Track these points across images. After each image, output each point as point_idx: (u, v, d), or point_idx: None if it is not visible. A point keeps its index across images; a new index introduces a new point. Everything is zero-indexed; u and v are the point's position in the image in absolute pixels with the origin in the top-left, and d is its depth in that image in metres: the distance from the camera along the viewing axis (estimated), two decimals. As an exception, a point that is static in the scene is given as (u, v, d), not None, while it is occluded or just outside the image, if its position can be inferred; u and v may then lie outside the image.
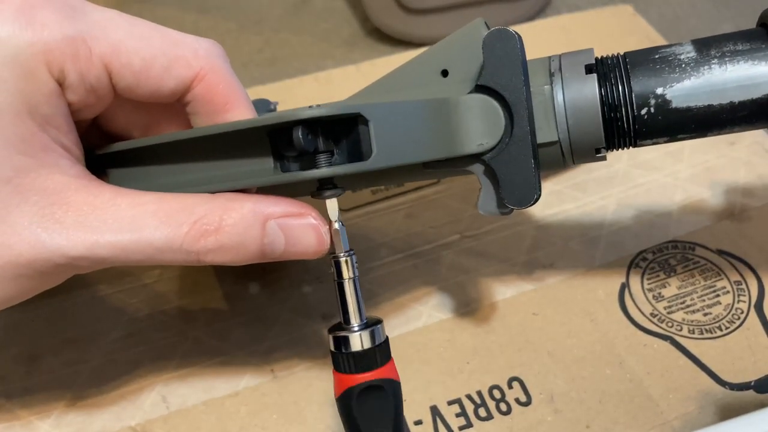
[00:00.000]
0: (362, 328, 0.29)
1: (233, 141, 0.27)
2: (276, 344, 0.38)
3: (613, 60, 0.31)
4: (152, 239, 0.27)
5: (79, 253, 0.27)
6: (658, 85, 0.30)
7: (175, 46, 0.28)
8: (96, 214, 0.27)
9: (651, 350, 0.37)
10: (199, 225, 0.27)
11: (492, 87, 0.30)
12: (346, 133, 0.27)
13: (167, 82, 0.28)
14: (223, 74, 0.29)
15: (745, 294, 0.39)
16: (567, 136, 0.31)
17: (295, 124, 0.25)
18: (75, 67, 0.27)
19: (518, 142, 0.30)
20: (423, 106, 0.29)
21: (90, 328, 0.39)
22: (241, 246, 0.27)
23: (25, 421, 0.35)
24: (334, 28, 0.69)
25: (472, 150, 0.30)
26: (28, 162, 0.27)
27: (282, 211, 0.28)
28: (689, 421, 0.34)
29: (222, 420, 0.35)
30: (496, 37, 0.29)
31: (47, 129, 0.27)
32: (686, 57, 0.30)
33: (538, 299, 0.39)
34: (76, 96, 0.28)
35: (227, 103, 0.29)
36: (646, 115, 0.30)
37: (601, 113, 0.30)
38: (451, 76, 0.31)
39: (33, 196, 0.27)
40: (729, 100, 0.30)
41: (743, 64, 0.30)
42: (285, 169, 0.27)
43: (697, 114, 0.30)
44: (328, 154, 0.26)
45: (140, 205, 0.27)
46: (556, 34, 0.56)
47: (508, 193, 0.30)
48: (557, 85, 0.31)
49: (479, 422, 0.35)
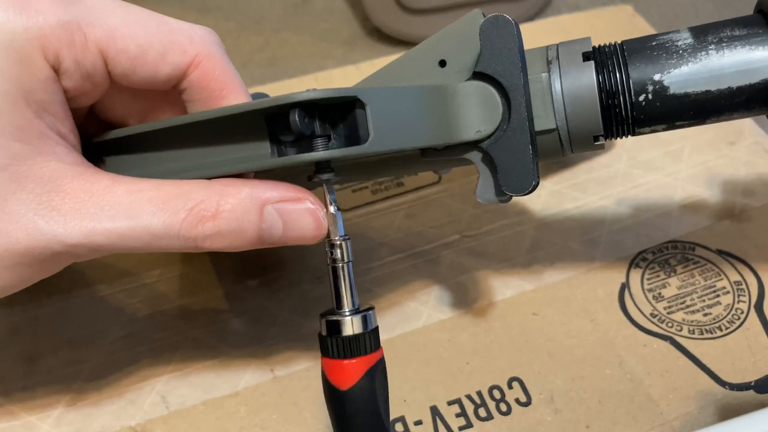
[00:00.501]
0: (354, 313, 0.29)
1: (230, 126, 0.27)
2: (276, 344, 0.38)
3: (611, 47, 0.31)
4: (149, 225, 0.27)
5: (77, 241, 0.27)
6: (655, 71, 0.30)
7: (171, 32, 0.28)
8: (93, 201, 0.27)
9: (651, 350, 0.37)
10: (197, 211, 0.27)
11: (489, 74, 0.30)
12: (343, 117, 0.26)
13: (163, 68, 0.28)
14: (219, 61, 0.29)
15: (745, 294, 0.39)
16: (565, 123, 0.31)
17: (292, 106, 0.25)
18: (70, 53, 0.27)
19: (516, 128, 0.30)
20: (421, 92, 0.29)
21: (90, 328, 0.39)
22: (239, 231, 0.27)
23: (25, 421, 0.35)
24: (334, 28, 0.69)
25: (470, 137, 0.30)
26: (24, 149, 0.26)
27: (279, 195, 0.28)
28: (689, 421, 0.34)
29: (222, 420, 0.35)
30: (493, 24, 0.29)
31: (43, 116, 0.27)
32: (683, 43, 0.30)
33: (538, 299, 0.39)
34: (71, 82, 0.28)
35: (223, 89, 0.29)
36: (644, 102, 0.30)
37: (599, 100, 0.30)
38: (448, 66, 0.31)
39: (29, 183, 0.27)
40: (727, 86, 0.30)
41: (741, 50, 0.30)
42: (282, 153, 0.27)
43: (695, 100, 0.30)
44: (325, 138, 0.26)
45: (137, 192, 0.27)
46: (556, 34, 0.56)
47: (506, 180, 0.30)
48: (555, 72, 0.31)
49: (479, 422, 0.35)
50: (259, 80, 0.60)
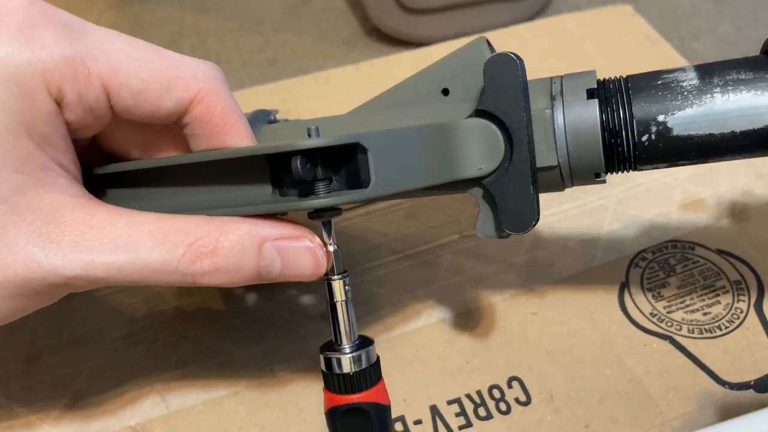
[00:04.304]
0: (353, 350, 0.29)
1: (232, 167, 0.28)
2: (275, 344, 0.38)
3: (615, 84, 0.31)
4: (148, 260, 0.27)
5: (75, 273, 0.27)
6: (659, 112, 0.30)
7: (174, 67, 0.28)
8: (92, 234, 0.27)
9: (650, 350, 0.37)
10: (196, 247, 0.27)
11: (492, 112, 0.30)
12: (345, 161, 0.26)
13: (165, 103, 0.28)
14: (222, 97, 0.29)
15: (745, 294, 0.39)
16: (567, 160, 0.30)
17: (294, 153, 0.25)
18: (73, 87, 0.27)
19: (518, 167, 0.30)
20: (422, 132, 0.29)
21: (89, 328, 0.39)
22: (238, 268, 0.27)
23: (25, 421, 0.35)
24: (334, 28, 0.69)
25: (471, 174, 0.30)
26: (25, 181, 0.27)
27: (278, 233, 0.28)
28: (689, 420, 0.34)
29: (221, 420, 0.35)
30: (497, 63, 0.29)
31: (45, 148, 0.27)
32: (689, 84, 0.30)
33: (537, 299, 0.39)
34: (74, 116, 0.28)
35: (225, 125, 0.29)
36: (647, 142, 0.30)
37: (601, 138, 0.30)
38: (451, 95, 0.31)
39: (30, 215, 0.27)
40: (730, 130, 0.29)
41: (746, 94, 0.29)
42: (283, 194, 0.27)
43: (697, 142, 0.30)
44: (327, 181, 0.26)
45: (137, 225, 0.27)
46: (556, 34, 0.56)
47: (506, 218, 0.30)
48: (558, 109, 0.30)
49: (479, 422, 0.35)
50: (259, 80, 0.61)
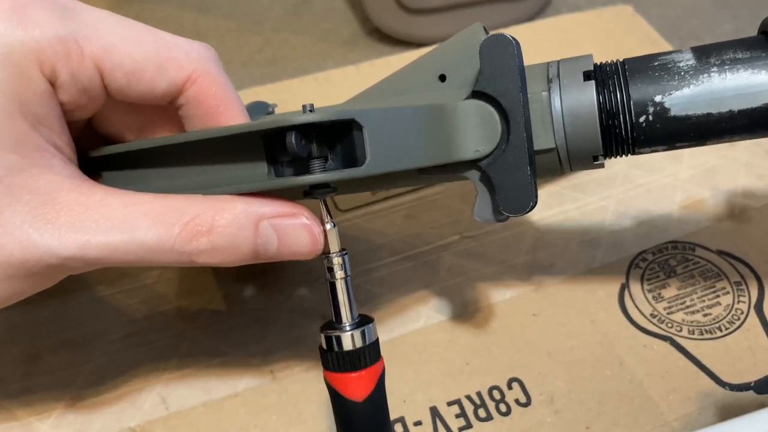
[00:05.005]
0: (354, 328, 0.29)
1: (227, 145, 0.27)
2: (275, 345, 0.38)
3: (612, 66, 0.31)
4: (144, 240, 0.27)
5: (70, 254, 0.26)
6: (656, 92, 0.30)
7: (168, 48, 0.28)
8: (87, 214, 0.27)
9: (651, 351, 0.37)
10: (192, 226, 0.27)
11: (489, 93, 0.29)
12: (341, 138, 0.26)
13: (159, 83, 0.28)
14: (216, 77, 0.29)
15: (745, 294, 0.39)
16: (564, 143, 0.30)
17: (289, 129, 0.25)
18: (67, 66, 0.27)
19: (515, 149, 0.29)
20: (419, 112, 0.29)
21: (89, 328, 0.39)
22: (234, 247, 0.27)
23: (25, 422, 0.35)
24: (334, 28, 0.69)
25: (468, 156, 0.30)
26: (20, 161, 0.26)
27: (274, 211, 0.28)
28: (689, 422, 0.34)
29: (221, 421, 0.35)
30: (493, 43, 0.29)
31: (39, 129, 0.27)
32: (685, 65, 0.30)
33: (537, 300, 0.39)
34: (68, 96, 0.28)
35: (219, 106, 0.29)
36: (645, 123, 0.30)
37: (599, 120, 0.30)
38: (448, 81, 0.31)
39: (25, 195, 0.26)
40: (728, 109, 0.29)
41: (743, 73, 0.29)
42: (279, 173, 0.27)
43: (695, 122, 0.30)
44: (322, 159, 0.26)
45: (132, 206, 0.27)
46: (556, 35, 0.56)
47: (503, 201, 0.30)
48: (555, 91, 0.30)
49: (479, 423, 0.35)
50: (259, 80, 0.60)
